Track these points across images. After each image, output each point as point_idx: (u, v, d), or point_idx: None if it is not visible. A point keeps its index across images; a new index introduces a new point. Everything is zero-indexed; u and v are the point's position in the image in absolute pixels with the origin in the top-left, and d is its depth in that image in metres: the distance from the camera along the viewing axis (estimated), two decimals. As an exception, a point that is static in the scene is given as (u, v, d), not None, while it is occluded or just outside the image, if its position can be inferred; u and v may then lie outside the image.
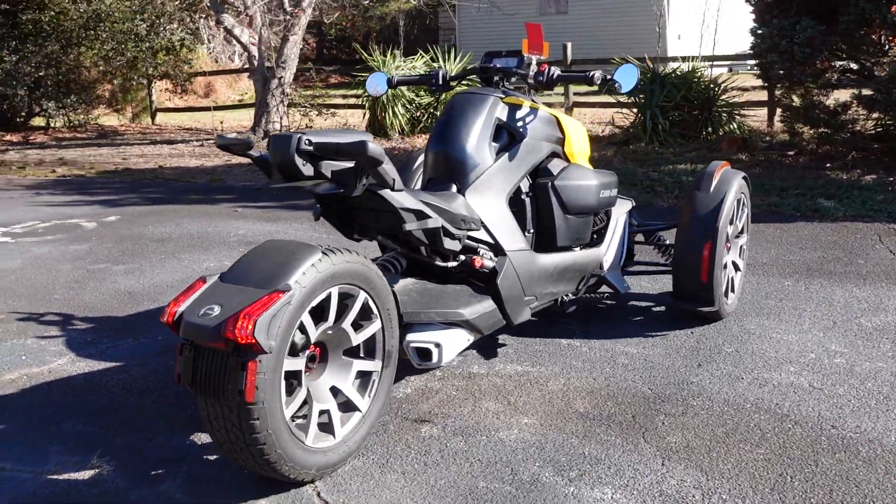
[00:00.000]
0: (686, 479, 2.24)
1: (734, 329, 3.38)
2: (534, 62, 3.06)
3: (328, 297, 2.18)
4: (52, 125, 13.90)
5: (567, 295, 3.18)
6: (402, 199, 2.38)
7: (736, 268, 3.60)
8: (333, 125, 11.71)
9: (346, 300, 2.28)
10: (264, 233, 5.48)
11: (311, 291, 2.08)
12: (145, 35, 12.51)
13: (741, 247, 3.65)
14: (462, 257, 2.77)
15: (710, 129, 9.09)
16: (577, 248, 3.24)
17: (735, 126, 9.14)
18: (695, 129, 9.07)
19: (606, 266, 3.34)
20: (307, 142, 2.12)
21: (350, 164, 2.20)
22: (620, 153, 8.35)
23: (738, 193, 3.40)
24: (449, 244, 2.59)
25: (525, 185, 3.08)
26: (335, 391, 2.33)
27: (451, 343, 2.60)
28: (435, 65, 11.04)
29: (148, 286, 4.26)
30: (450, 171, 2.87)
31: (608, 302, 3.81)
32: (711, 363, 3.04)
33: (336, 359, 2.34)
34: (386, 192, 2.34)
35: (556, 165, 3.14)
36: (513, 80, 3.12)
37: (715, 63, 10.37)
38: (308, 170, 2.16)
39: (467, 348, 2.87)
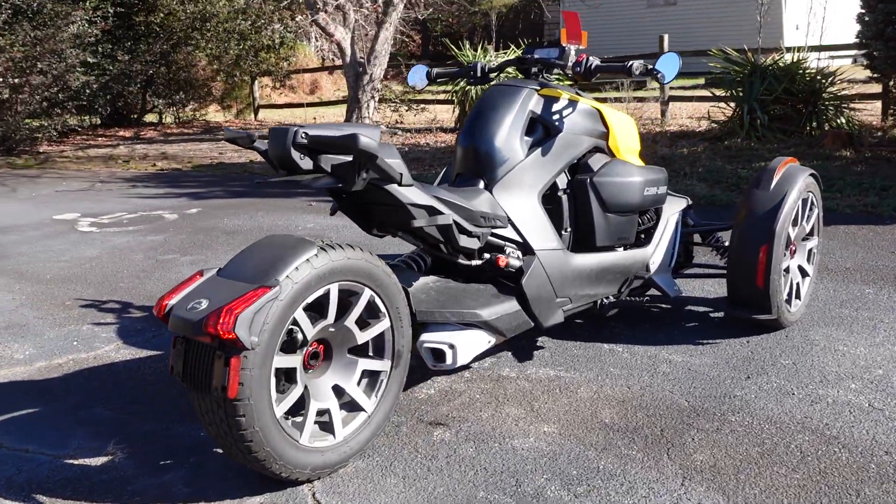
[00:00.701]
0: (703, 503, 2.05)
1: (796, 339, 3.12)
2: (572, 52, 2.91)
3: (327, 294, 2.13)
4: (162, 121, 14.61)
5: (607, 297, 3.01)
6: (409, 194, 2.30)
7: (803, 273, 3.32)
8: (423, 121, 11.75)
9: (350, 297, 2.23)
10: (331, 226, 5.52)
11: (306, 287, 2.03)
12: (248, 34, 12.95)
13: (810, 250, 3.36)
14: (487, 255, 2.67)
15: (814, 123, 8.51)
16: (620, 249, 3.06)
17: (843, 120, 8.52)
18: (797, 123, 8.51)
19: (654, 268, 3.14)
20: (303, 135, 2.07)
21: (349, 158, 2.13)
22: (711, 149, 7.94)
23: (804, 192, 3.12)
24: (465, 242, 2.49)
25: (562, 182, 2.93)
26: (338, 390, 2.28)
27: (468, 345, 2.50)
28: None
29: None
30: (478, 167, 2.77)
31: (661, 306, 3.59)
32: (762, 376, 2.80)
33: (340, 357, 2.29)
34: (392, 187, 2.26)
35: (597, 161, 2.97)
36: (554, 71, 2.98)
37: (826, 53, 9.73)
38: (306, 163, 2.11)
39: (490, 350, 2.76)
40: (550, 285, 2.75)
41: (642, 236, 3.22)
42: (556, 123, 2.85)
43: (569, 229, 2.93)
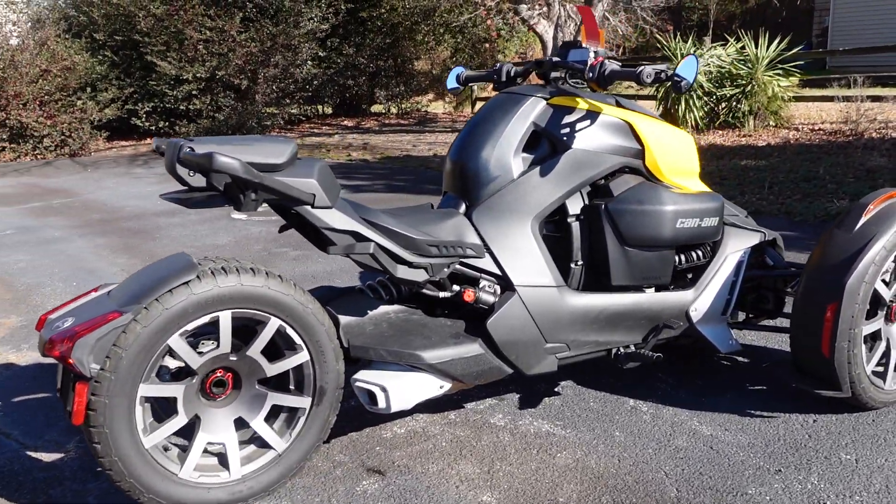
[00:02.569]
0: None
1: (883, 425, 2.40)
2: (591, 54, 2.46)
3: (216, 322, 1.98)
4: (390, 111, 15.32)
5: (626, 347, 2.53)
6: (326, 217, 2.07)
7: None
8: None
9: (255, 326, 2.06)
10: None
11: (181, 314, 1.90)
12: (466, 27, 13.11)
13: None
14: (457, 288, 2.35)
15: None
16: (650, 290, 2.56)
17: None
18: None
19: (699, 315, 2.59)
20: (189, 150, 1.93)
21: (241, 177, 1.95)
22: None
23: (912, 236, 2.38)
24: (405, 273, 2.19)
25: (576, 206, 2.50)
26: (243, 424, 2.12)
27: (407, 389, 2.21)
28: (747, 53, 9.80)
29: (296, 273, 4.40)
30: (462, 186, 2.44)
31: (739, 359, 2.97)
32: (800, 471, 2.19)
33: (249, 389, 2.13)
34: (304, 210, 2.05)
35: (622, 183, 2.50)
36: (578, 76, 2.54)
37: None
38: (197, 180, 1.97)
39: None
40: (536, 327, 2.36)
41: (689, 276, 2.67)
42: (564, 138, 2.43)
43: (579, 263, 2.50)
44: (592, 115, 2.48)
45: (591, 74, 2.38)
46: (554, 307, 2.39)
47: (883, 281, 2.45)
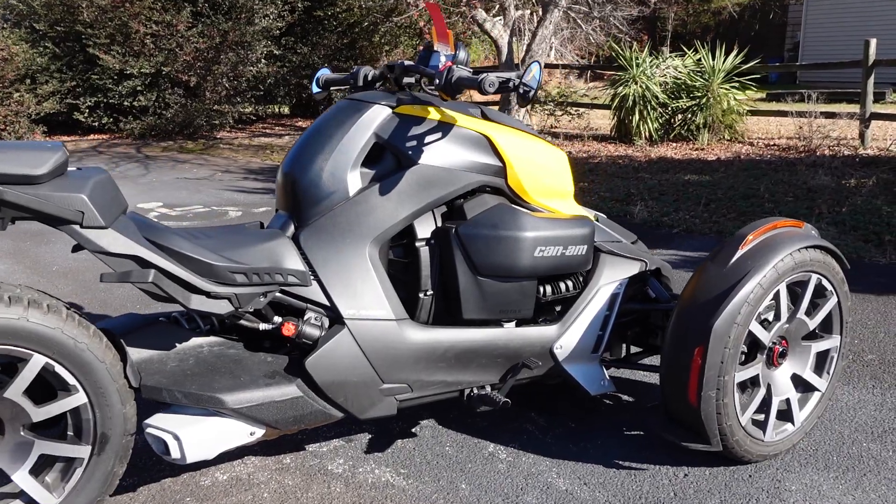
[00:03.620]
0: None
1: (759, 483, 2.14)
2: (441, 58, 2.18)
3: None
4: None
5: (482, 387, 2.25)
6: (100, 238, 1.77)
7: (804, 387, 2.30)
8: (578, 126, 10.87)
9: (16, 363, 1.76)
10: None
11: None
12: (422, 30, 12.83)
13: (822, 355, 2.33)
14: (279, 319, 2.06)
15: None
16: (508, 324, 2.28)
17: None
18: None
19: (565, 353, 2.32)
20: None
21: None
22: (887, 184, 6.36)
23: (795, 273, 2.14)
24: (200, 304, 1.90)
25: (425, 230, 2.22)
26: (4, 477, 1.82)
27: (206, 437, 1.92)
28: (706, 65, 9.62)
29: (131, 296, 4.07)
30: (292, 203, 2.15)
31: (624, 398, 2.71)
32: (653, 539, 1.92)
33: (12, 437, 1.82)
34: (71, 230, 1.75)
35: (477, 205, 2.22)
36: (434, 81, 2.26)
37: None
38: None
39: (255, 441, 2.14)
40: (369, 366, 2.08)
41: (557, 309, 2.41)
42: (409, 152, 2.15)
43: (429, 293, 2.22)
44: (444, 127, 2.20)
45: (437, 81, 2.10)
46: (392, 343, 2.11)
47: (763, 321, 2.20)
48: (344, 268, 2.09)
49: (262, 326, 2.07)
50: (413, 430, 2.49)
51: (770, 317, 2.22)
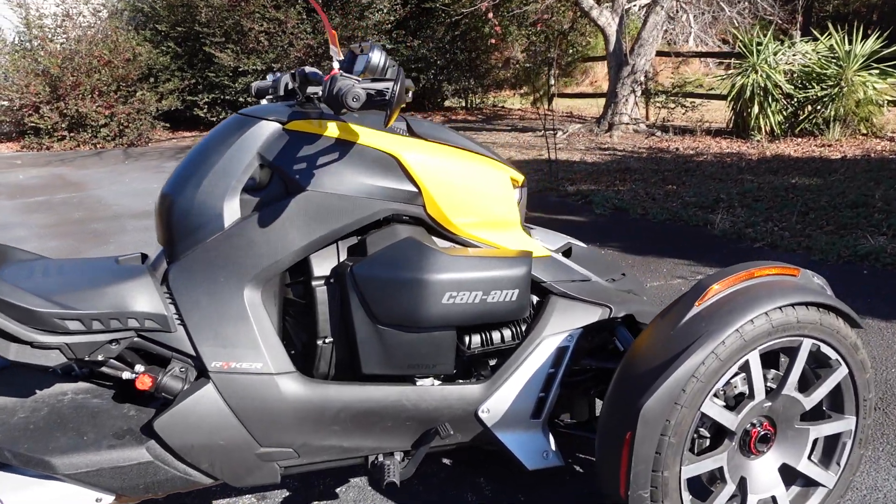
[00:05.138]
0: None
1: None
2: (335, 64, 1.83)
3: None
4: (467, 106, 14.76)
5: (391, 454, 1.90)
6: None
7: (806, 482, 1.78)
8: (691, 119, 10.03)
9: None
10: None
11: None
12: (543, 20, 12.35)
13: (833, 443, 1.81)
14: (141, 368, 1.80)
15: None
16: (424, 381, 1.91)
17: None
18: None
19: (494, 417, 1.92)
20: None
21: None
22: None
23: (774, 337, 1.63)
24: (22, 355, 1.66)
25: (323, 267, 1.88)
26: None
27: (37, 502, 1.69)
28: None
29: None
30: (166, 234, 1.88)
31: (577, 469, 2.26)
32: None
33: None
34: None
35: (380, 239, 1.86)
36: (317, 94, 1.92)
37: None
38: None
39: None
40: (241, 427, 1.78)
41: (491, 363, 2.00)
42: (296, 176, 1.81)
43: (328, 340, 1.88)
44: (342, 146, 1.85)
45: (321, 93, 1.75)
46: (268, 401, 1.79)
47: (730, 400, 1.70)
48: (214, 311, 1.80)
49: (126, 375, 1.81)
50: (338, 490, 2.17)
51: (740, 389, 1.72)
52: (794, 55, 9.02)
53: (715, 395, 1.67)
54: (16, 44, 11.63)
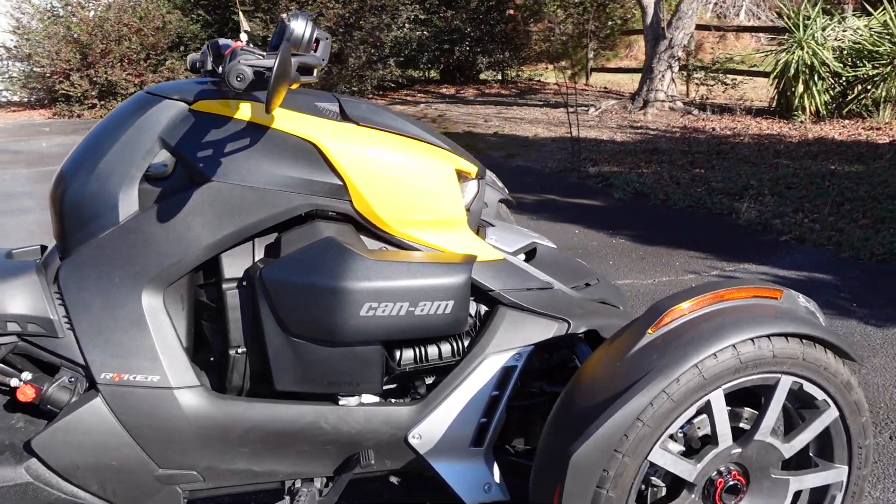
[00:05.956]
0: None
1: None
2: (243, 35, 1.58)
3: None
4: (491, 80, 14.38)
5: (310, 480, 1.68)
6: None
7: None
8: (731, 97, 9.53)
9: None
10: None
11: None
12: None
13: (822, 495, 1.53)
14: (28, 376, 1.61)
15: None
16: (348, 399, 1.68)
17: None
18: None
19: (426, 444, 1.68)
20: None
21: None
22: None
23: (743, 374, 1.36)
24: None
25: (235, 268, 1.65)
26: None
27: None
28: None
29: None
30: (57, 226, 1.66)
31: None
32: None
33: None
34: None
35: (297, 238, 1.62)
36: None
37: None
38: None
39: None
40: (135, 446, 1.58)
41: (427, 382, 1.75)
42: (201, 164, 1.58)
43: (240, 350, 1.66)
44: (255, 131, 1.61)
45: (220, 69, 1.51)
46: (165, 418, 1.58)
47: (694, 442, 1.44)
48: (107, 316, 1.58)
49: (14, 383, 1.62)
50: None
51: (701, 432, 1.45)
52: (843, 31, 8.47)
53: (672, 438, 1.41)
54: (48, 10, 11.60)
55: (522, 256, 1.96)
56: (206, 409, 1.60)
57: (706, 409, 1.37)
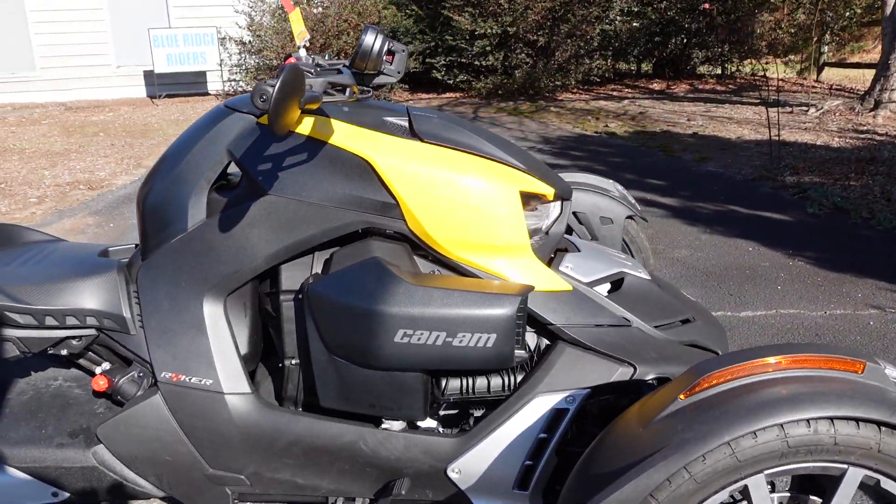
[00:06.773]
0: None
1: None
2: (301, 49, 1.56)
3: None
4: (707, 74, 13.55)
5: (352, 499, 1.67)
6: None
7: None
8: None
9: None
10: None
11: None
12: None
13: None
14: (107, 365, 1.75)
15: None
16: (391, 423, 1.64)
17: None
18: None
19: (467, 480, 1.60)
20: None
21: None
22: None
23: (791, 461, 1.14)
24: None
25: (294, 279, 1.67)
26: None
27: (-6, 490, 1.70)
28: None
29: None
30: (140, 228, 1.77)
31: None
32: None
33: None
34: None
35: (347, 256, 1.60)
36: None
37: None
38: None
39: None
40: (189, 445, 1.66)
41: (476, 414, 1.66)
42: (259, 178, 1.60)
43: (294, 362, 1.68)
44: (313, 146, 1.60)
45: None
46: (216, 421, 1.64)
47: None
48: (173, 318, 1.67)
49: (98, 370, 1.76)
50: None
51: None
52: None
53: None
54: (279, 7, 12.59)
55: (606, 286, 1.80)
56: (254, 416, 1.64)
57: (745, 495, 1.16)
